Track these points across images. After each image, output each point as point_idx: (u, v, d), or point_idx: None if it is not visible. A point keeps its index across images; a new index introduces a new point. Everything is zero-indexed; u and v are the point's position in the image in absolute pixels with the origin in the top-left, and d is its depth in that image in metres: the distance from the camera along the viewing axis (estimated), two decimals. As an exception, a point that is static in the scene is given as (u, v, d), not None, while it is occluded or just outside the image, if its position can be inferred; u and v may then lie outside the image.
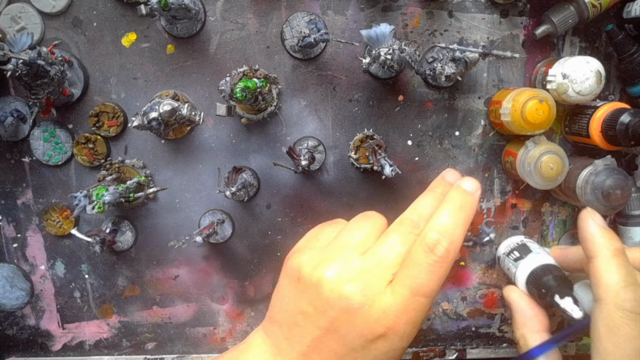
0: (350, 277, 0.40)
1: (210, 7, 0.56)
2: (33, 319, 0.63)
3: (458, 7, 0.56)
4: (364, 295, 0.39)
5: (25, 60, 0.47)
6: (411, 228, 0.42)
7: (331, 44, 0.57)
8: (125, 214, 0.60)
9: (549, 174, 0.52)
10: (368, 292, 0.39)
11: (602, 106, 0.51)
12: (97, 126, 0.57)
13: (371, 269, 0.41)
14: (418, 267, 0.40)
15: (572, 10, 0.53)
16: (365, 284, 0.40)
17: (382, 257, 0.41)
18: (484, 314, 0.64)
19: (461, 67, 0.51)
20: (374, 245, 0.43)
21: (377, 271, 0.40)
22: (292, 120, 0.58)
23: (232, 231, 0.60)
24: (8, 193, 0.60)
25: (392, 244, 0.42)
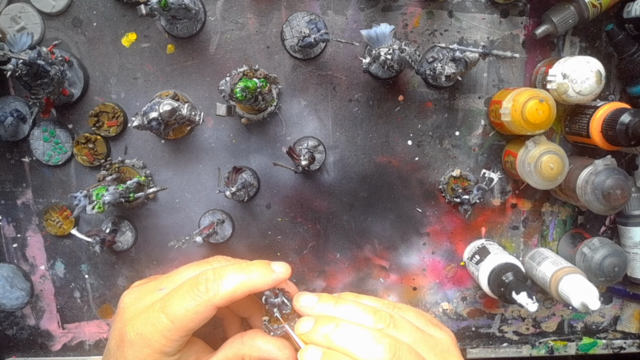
0: (133, 289, 0.49)
1: (210, 7, 0.56)
2: (33, 319, 0.63)
3: (458, 7, 0.56)
4: (130, 299, 0.47)
5: (25, 60, 0.47)
6: (212, 266, 0.48)
7: (331, 44, 0.57)
8: (125, 214, 0.60)
9: (549, 174, 0.52)
10: (136, 297, 0.47)
11: (602, 106, 0.51)
12: (97, 126, 0.57)
13: (150, 284, 0.49)
14: (177, 291, 0.45)
15: (572, 10, 0.53)
16: (139, 292, 0.48)
17: (163, 278, 0.48)
18: (484, 314, 0.64)
19: (461, 67, 0.51)
20: None
21: (151, 286, 0.48)
22: (292, 120, 0.58)
23: (232, 231, 0.60)
24: (8, 193, 0.60)
25: (181, 270, 0.49)
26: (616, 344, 0.64)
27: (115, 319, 0.48)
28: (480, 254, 0.57)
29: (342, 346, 0.42)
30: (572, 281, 0.52)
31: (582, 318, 0.64)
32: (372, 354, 0.41)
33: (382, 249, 0.61)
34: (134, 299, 0.48)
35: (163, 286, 0.48)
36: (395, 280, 0.62)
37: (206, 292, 0.43)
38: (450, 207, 0.60)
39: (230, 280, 0.44)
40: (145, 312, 0.45)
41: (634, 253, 0.58)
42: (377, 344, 0.41)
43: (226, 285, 0.44)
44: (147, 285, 0.49)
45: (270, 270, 0.46)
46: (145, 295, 0.48)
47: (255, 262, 0.47)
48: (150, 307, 0.45)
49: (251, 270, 0.45)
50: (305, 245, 0.61)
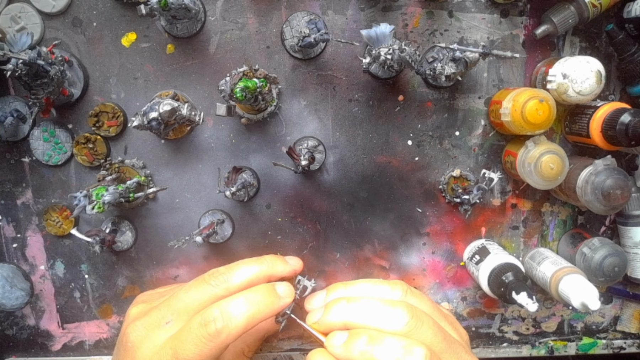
0: (137, 317, 0.46)
1: (210, 7, 0.56)
2: (33, 319, 0.63)
3: (458, 7, 0.56)
4: (138, 337, 0.44)
5: (25, 60, 0.47)
6: (211, 286, 0.45)
7: (331, 44, 0.57)
8: (125, 214, 0.60)
9: (549, 174, 0.52)
10: (143, 334, 0.44)
11: (602, 106, 0.51)
12: (97, 126, 0.57)
13: (153, 315, 0.45)
14: (187, 334, 0.42)
15: (572, 10, 0.53)
16: (144, 327, 0.45)
17: (165, 306, 0.45)
18: (484, 314, 0.64)
19: (461, 67, 0.51)
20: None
21: (155, 318, 0.45)
22: (292, 120, 0.58)
23: (232, 231, 0.60)
24: (8, 193, 0.60)
25: (182, 296, 0.45)
26: (616, 344, 0.64)
27: (123, 356, 0.45)
28: (480, 254, 0.57)
29: (360, 321, 0.41)
30: (572, 281, 0.52)
31: (582, 318, 0.64)
32: (393, 321, 0.40)
33: (382, 249, 0.61)
34: (142, 336, 0.45)
35: (168, 318, 0.45)
36: (395, 280, 0.62)
37: (218, 335, 0.42)
38: (450, 207, 0.60)
39: (239, 317, 0.43)
40: (157, 356, 0.43)
41: (634, 253, 0.58)
42: (393, 309, 0.40)
43: (236, 323, 0.42)
44: (151, 319, 0.46)
45: (277, 298, 0.45)
46: (151, 330, 0.45)
47: (260, 290, 0.45)
48: (161, 350, 0.43)
49: (259, 302, 0.44)
50: (305, 245, 0.61)
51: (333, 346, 0.41)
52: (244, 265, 0.47)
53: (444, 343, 0.40)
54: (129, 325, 0.46)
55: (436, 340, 0.40)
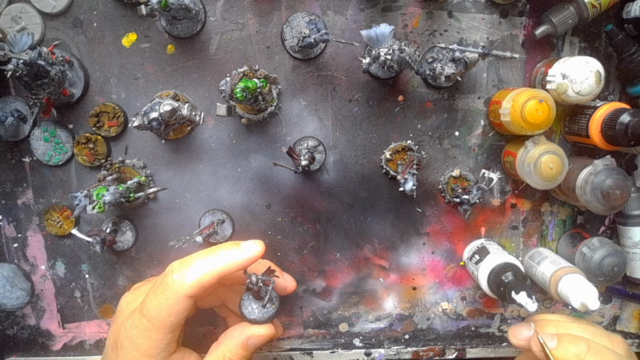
0: (131, 291, 0.51)
1: (210, 8, 0.56)
2: (33, 318, 0.63)
3: (458, 8, 0.56)
4: (125, 302, 0.49)
5: (25, 61, 0.47)
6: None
7: (331, 44, 0.57)
8: (125, 214, 0.60)
9: (549, 174, 0.52)
10: (130, 300, 0.49)
11: (602, 106, 0.51)
12: (98, 126, 0.57)
13: (144, 286, 0.50)
14: (151, 288, 0.44)
15: (571, 10, 0.53)
16: (133, 295, 0.49)
17: (159, 277, 0.47)
18: (484, 313, 0.64)
19: (461, 67, 0.51)
20: None
21: (144, 288, 0.49)
22: (292, 120, 0.58)
23: (232, 231, 0.60)
24: (8, 193, 0.60)
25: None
26: (616, 344, 0.64)
27: (113, 321, 0.49)
28: (479, 253, 0.57)
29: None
30: (571, 281, 0.52)
31: (581, 318, 0.64)
32: None
33: (381, 249, 0.61)
34: (129, 301, 0.48)
35: None
36: (395, 280, 0.62)
37: (172, 284, 0.42)
38: (450, 207, 0.60)
39: (197, 267, 0.43)
40: (131, 316, 0.45)
41: (633, 253, 0.58)
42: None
43: (193, 273, 0.43)
44: (140, 290, 0.49)
45: (238, 250, 0.44)
46: (138, 297, 0.48)
47: (224, 244, 0.46)
48: (134, 309, 0.45)
49: (217, 254, 0.44)
50: (305, 245, 0.61)
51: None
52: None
53: None
54: (124, 295, 0.50)
55: None
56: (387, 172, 0.58)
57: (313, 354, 0.63)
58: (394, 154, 0.57)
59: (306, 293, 0.62)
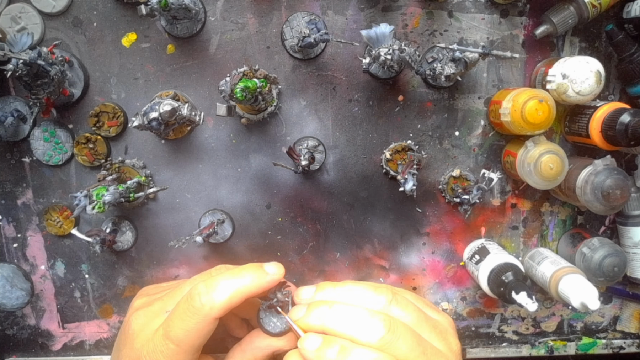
0: (140, 308, 0.48)
1: (210, 7, 0.56)
2: (33, 318, 0.63)
3: (458, 7, 0.56)
4: (138, 325, 0.46)
5: (25, 61, 0.47)
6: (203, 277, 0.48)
7: (331, 44, 0.57)
8: (125, 214, 0.60)
9: (549, 174, 0.52)
10: (144, 322, 0.46)
11: (602, 106, 0.51)
12: (97, 126, 0.57)
13: (155, 305, 0.47)
14: (175, 311, 0.44)
15: (572, 10, 0.53)
16: (146, 316, 0.46)
17: (168, 297, 0.47)
18: (484, 313, 0.64)
19: (461, 67, 0.51)
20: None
21: (157, 307, 0.47)
22: (292, 120, 0.58)
23: (232, 231, 0.60)
24: (8, 193, 0.60)
25: (185, 288, 0.47)
26: (616, 344, 0.65)
27: (124, 345, 0.46)
28: (480, 253, 0.57)
29: (337, 328, 0.41)
30: (571, 281, 0.52)
31: (581, 318, 0.64)
32: (367, 333, 0.40)
33: (382, 249, 0.61)
34: (142, 324, 0.46)
35: (169, 307, 0.46)
36: (395, 280, 0.62)
37: (202, 307, 0.42)
38: (450, 207, 0.60)
39: (223, 290, 0.43)
40: (152, 341, 0.44)
41: (633, 253, 0.58)
42: (370, 320, 0.40)
43: (220, 296, 0.43)
44: (153, 308, 0.48)
45: (263, 273, 0.45)
46: (152, 319, 0.46)
47: (247, 266, 0.46)
48: (155, 333, 0.44)
49: (243, 276, 0.44)
50: (305, 245, 0.61)
51: (306, 350, 0.42)
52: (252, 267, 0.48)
53: (422, 357, 0.40)
54: (132, 315, 0.47)
55: (412, 354, 0.40)
56: (387, 172, 0.58)
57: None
58: (394, 154, 0.57)
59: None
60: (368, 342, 0.40)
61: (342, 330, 0.41)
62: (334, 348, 0.40)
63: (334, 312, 0.42)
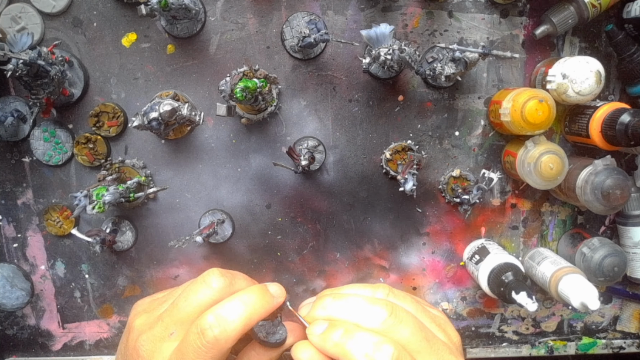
0: (142, 331, 0.46)
1: (210, 7, 0.56)
2: (33, 318, 0.63)
3: (458, 7, 0.56)
4: (147, 352, 0.44)
5: (25, 60, 0.47)
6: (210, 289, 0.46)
7: (331, 44, 0.57)
8: (125, 214, 0.60)
9: (549, 174, 0.52)
10: (151, 349, 0.44)
11: (602, 106, 0.51)
12: (97, 126, 0.57)
13: (157, 328, 0.45)
14: (187, 346, 0.42)
15: (572, 10, 0.53)
16: (152, 342, 0.45)
17: (167, 317, 0.46)
18: (484, 313, 0.64)
19: (461, 67, 0.51)
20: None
21: (159, 331, 0.45)
22: (292, 120, 0.58)
23: (232, 231, 0.60)
24: (8, 193, 0.60)
25: (182, 305, 0.46)
26: (616, 344, 0.65)
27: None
28: (480, 253, 0.57)
29: (341, 315, 0.43)
30: (571, 281, 0.52)
31: (581, 318, 0.64)
32: (371, 317, 0.41)
33: (382, 249, 0.61)
34: (150, 351, 0.45)
35: (171, 329, 0.45)
36: (395, 280, 0.62)
37: (216, 342, 0.42)
38: (450, 207, 0.60)
39: (235, 320, 0.43)
40: None
41: (633, 253, 0.58)
42: (373, 306, 0.41)
43: (232, 326, 0.42)
44: (156, 332, 0.46)
45: (270, 297, 0.45)
46: (158, 344, 0.45)
47: (253, 290, 0.45)
48: None
49: (253, 303, 0.44)
50: (305, 245, 0.61)
51: (312, 334, 0.43)
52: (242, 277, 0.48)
53: (424, 342, 0.40)
54: (137, 340, 0.46)
55: (414, 339, 0.40)
56: (387, 172, 0.58)
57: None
58: (394, 154, 0.57)
59: (306, 293, 0.62)
60: (371, 326, 0.41)
61: (346, 317, 0.42)
62: (338, 330, 0.41)
63: (338, 302, 0.44)
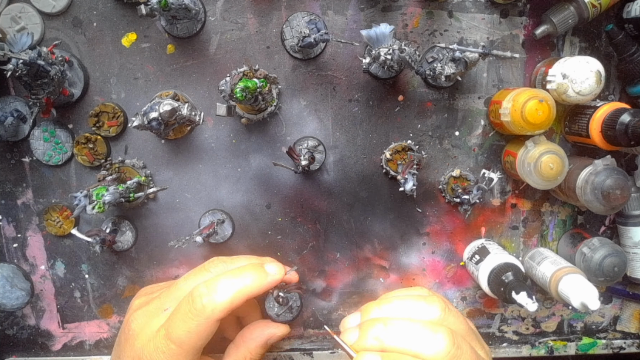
0: (138, 307, 0.48)
1: (210, 7, 0.56)
2: (33, 318, 0.63)
3: (458, 7, 0.56)
4: (138, 325, 0.46)
5: (25, 60, 0.47)
6: (210, 273, 0.48)
7: (331, 44, 0.57)
8: (125, 214, 0.60)
9: (549, 174, 0.52)
10: (143, 322, 0.46)
11: (602, 106, 0.51)
12: (97, 126, 0.57)
13: (153, 303, 0.47)
14: (177, 312, 0.43)
15: (572, 10, 0.53)
16: (145, 315, 0.46)
17: (164, 295, 0.47)
18: (484, 313, 0.64)
19: (461, 67, 0.51)
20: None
21: (154, 306, 0.46)
22: (292, 120, 0.58)
23: (232, 231, 0.60)
24: (8, 193, 0.60)
25: (181, 284, 0.47)
26: (616, 344, 0.64)
27: (124, 345, 0.47)
28: (480, 254, 0.57)
29: (397, 345, 0.39)
30: (571, 281, 0.52)
31: (581, 318, 0.64)
32: (432, 347, 0.37)
33: (382, 249, 0.61)
34: (141, 324, 0.46)
35: (166, 305, 0.46)
36: (395, 280, 0.62)
37: (203, 309, 0.42)
38: (450, 207, 0.60)
39: (225, 291, 0.43)
40: (153, 340, 0.44)
41: (633, 253, 0.58)
42: (434, 335, 0.38)
43: (222, 297, 0.43)
44: (151, 307, 0.48)
45: (264, 274, 0.45)
46: (151, 318, 0.46)
47: (248, 266, 0.46)
48: (156, 334, 0.44)
49: (245, 277, 0.44)
50: (305, 245, 0.61)
51: None
52: (244, 258, 0.48)
53: None
54: (131, 315, 0.47)
55: None
56: (387, 172, 0.58)
57: (313, 354, 0.63)
58: (394, 154, 0.57)
59: (306, 293, 0.62)
60: (434, 356, 0.38)
61: (404, 347, 0.39)
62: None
63: (391, 329, 0.40)
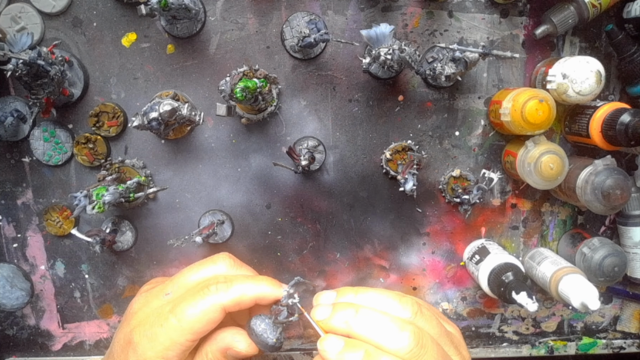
0: (140, 295, 0.50)
1: (210, 7, 0.56)
2: (33, 318, 0.63)
3: (458, 7, 0.56)
4: (138, 305, 0.47)
5: (25, 60, 0.47)
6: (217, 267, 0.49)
7: (331, 44, 0.57)
8: (125, 214, 0.60)
9: (549, 174, 0.52)
10: (144, 302, 0.47)
11: (602, 106, 0.51)
12: (97, 126, 0.57)
13: (156, 288, 0.49)
14: (189, 291, 0.45)
15: (572, 10, 0.53)
16: (146, 298, 0.48)
17: (169, 281, 0.48)
18: (484, 314, 0.64)
19: (461, 67, 0.51)
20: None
21: (157, 290, 0.48)
22: (292, 120, 0.58)
23: (231, 232, 0.60)
24: (8, 193, 0.60)
25: (187, 274, 0.49)
26: (616, 344, 0.64)
27: (122, 324, 0.48)
28: (480, 254, 0.57)
29: (363, 333, 0.40)
30: (572, 281, 0.52)
31: (582, 318, 0.64)
32: (396, 342, 0.38)
33: (382, 249, 0.61)
34: (141, 304, 0.47)
35: (168, 290, 0.47)
36: (395, 280, 0.62)
37: (216, 291, 0.43)
38: (450, 207, 0.60)
39: (240, 286, 0.44)
40: (152, 315, 0.44)
41: (633, 253, 0.58)
42: (400, 331, 0.39)
43: (235, 289, 0.44)
44: (153, 291, 0.49)
45: (278, 285, 0.46)
46: (151, 300, 0.47)
47: (265, 276, 0.48)
48: (158, 309, 0.45)
49: (260, 282, 0.46)
50: (305, 245, 0.61)
51: (326, 352, 0.40)
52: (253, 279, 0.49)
53: None
54: (134, 299, 0.49)
55: None
56: (387, 172, 0.58)
57: (313, 354, 0.63)
58: (394, 154, 0.57)
59: (306, 293, 0.62)
60: (396, 351, 0.38)
61: (369, 336, 0.39)
62: (358, 352, 0.39)
63: (361, 317, 0.41)
